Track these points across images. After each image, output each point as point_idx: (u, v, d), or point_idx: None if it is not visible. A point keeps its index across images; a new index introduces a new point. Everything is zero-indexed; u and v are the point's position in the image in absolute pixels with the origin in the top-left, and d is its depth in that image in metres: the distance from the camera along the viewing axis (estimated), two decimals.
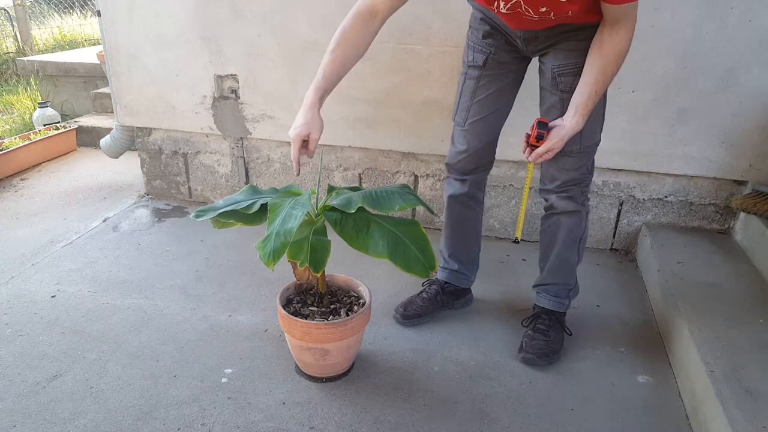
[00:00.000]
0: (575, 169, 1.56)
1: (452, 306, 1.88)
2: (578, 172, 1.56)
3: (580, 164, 1.56)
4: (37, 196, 2.80)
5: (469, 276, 1.87)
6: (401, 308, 1.82)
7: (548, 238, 1.70)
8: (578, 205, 1.62)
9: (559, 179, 1.58)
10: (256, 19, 2.28)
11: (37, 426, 1.39)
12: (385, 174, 2.47)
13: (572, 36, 1.41)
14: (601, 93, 1.41)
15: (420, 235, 1.36)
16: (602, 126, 1.55)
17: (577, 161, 1.54)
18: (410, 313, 1.81)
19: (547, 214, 1.68)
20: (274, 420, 1.42)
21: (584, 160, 1.55)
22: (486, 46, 1.56)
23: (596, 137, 1.55)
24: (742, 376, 1.37)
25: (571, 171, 1.56)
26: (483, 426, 1.42)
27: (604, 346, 1.73)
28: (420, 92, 2.23)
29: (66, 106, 4.29)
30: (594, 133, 1.53)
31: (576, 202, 1.61)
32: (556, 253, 1.68)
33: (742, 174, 2.06)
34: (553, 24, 1.40)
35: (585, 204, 1.64)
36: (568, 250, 1.67)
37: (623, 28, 1.33)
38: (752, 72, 1.91)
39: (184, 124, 2.58)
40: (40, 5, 7.73)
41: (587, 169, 1.59)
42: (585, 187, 1.62)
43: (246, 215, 1.39)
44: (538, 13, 1.34)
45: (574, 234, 1.65)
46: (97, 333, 1.74)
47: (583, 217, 1.65)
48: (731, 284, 1.81)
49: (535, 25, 1.43)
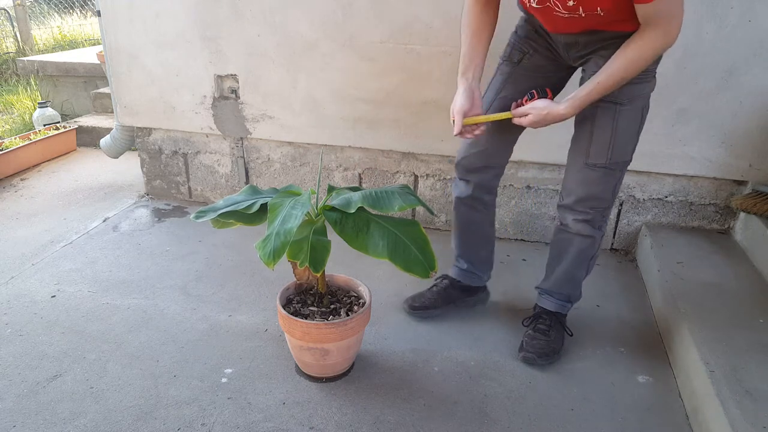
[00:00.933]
0: (597, 185, 1.46)
1: (465, 302, 1.86)
2: (600, 190, 1.47)
3: (605, 183, 1.46)
4: (37, 196, 2.80)
5: (480, 275, 1.85)
6: (410, 299, 1.84)
7: (557, 251, 1.66)
8: (595, 230, 1.55)
9: (575, 194, 1.49)
10: (256, 18, 2.28)
11: (37, 426, 1.39)
12: (385, 174, 2.47)
13: (614, 44, 1.33)
14: (607, 90, 1.34)
15: (420, 235, 1.36)
16: (635, 146, 1.47)
17: (602, 178, 1.45)
18: (418, 304, 1.82)
19: (560, 227, 1.63)
20: (274, 420, 1.42)
21: (610, 179, 1.46)
22: (524, 45, 1.53)
23: (627, 155, 1.45)
24: (742, 376, 1.37)
25: (593, 187, 1.47)
26: (483, 426, 1.42)
27: (604, 346, 1.73)
28: (420, 92, 2.23)
29: (66, 106, 4.29)
30: (625, 149, 1.44)
31: (593, 227, 1.54)
32: (564, 269, 1.65)
33: (742, 174, 2.06)
34: (587, 26, 1.35)
35: (602, 228, 1.57)
36: (577, 267, 1.64)
37: (654, 31, 1.25)
38: (752, 72, 1.91)
39: (184, 124, 2.58)
40: (40, 5, 7.73)
41: (611, 191, 1.48)
42: (606, 211, 1.52)
43: (246, 215, 1.39)
44: (566, 8, 1.30)
45: (586, 254, 1.61)
46: (97, 333, 1.74)
47: (598, 240, 1.59)
48: (731, 284, 1.81)
49: (570, 27, 1.38)
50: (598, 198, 1.49)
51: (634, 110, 1.43)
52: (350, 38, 2.21)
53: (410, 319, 1.84)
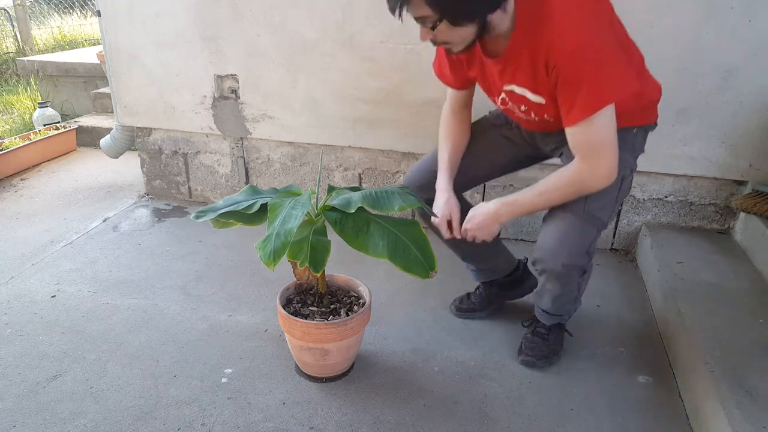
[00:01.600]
0: (573, 234, 1.37)
1: (513, 295, 1.85)
2: (577, 239, 1.37)
3: (582, 233, 1.37)
4: (37, 196, 2.80)
5: (496, 267, 1.79)
6: (456, 301, 1.87)
7: (541, 285, 1.55)
8: (577, 276, 1.46)
9: (548, 247, 1.40)
10: (256, 19, 2.28)
11: (37, 426, 1.39)
12: (385, 174, 2.47)
13: None
14: (538, 208, 1.39)
15: (420, 235, 1.36)
16: (612, 212, 1.43)
17: (578, 227, 1.37)
18: (465, 306, 1.84)
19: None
20: (274, 420, 1.42)
21: (586, 230, 1.38)
22: (507, 119, 1.59)
23: (604, 215, 1.39)
24: (742, 376, 1.37)
25: (569, 236, 1.37)
26: (483, 426, 1.42)
27: (604, 346, 1.73)
28: (420, 92, 2.23)
29: (66, 106, 4.29)
30: (602, 206, 1.37)
31: (571, 282, 1.47)
32: (554, 295, 1.54)
33: (742, 174, 2.06)
34: (548, 127, 1.41)
35: (585, 272, 1.48)
36: (569, 291, 1.54)
37: (580, 164, 1.29)
38: (752, 72, 1.91)
39: (184, 124, 2.58)
40: (40, 5, 7.73)
41: (585, 248, 1.39)
42: (584, 268, 1.44)
43: (246, 215, 1.39)
44: (521, 111, 1.39)
45: (576, 283, 1.51)
46: (97, 333, 1.74)
47: (588, 271, 1.50)
48: (731, 284, 1.81)
49: (535, 127, 1.45)
50: (574, 246, 1.38)
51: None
52: (350, 38, 2.21)
53: (410, 319, 1.84)
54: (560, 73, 1.20)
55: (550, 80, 1.24)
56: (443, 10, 1.15)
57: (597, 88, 1.19)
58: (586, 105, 1.21)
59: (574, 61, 1.18)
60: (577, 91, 1.20)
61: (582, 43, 1.17)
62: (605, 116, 1.23)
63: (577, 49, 1.17)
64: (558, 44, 1.18)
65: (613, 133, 1.26)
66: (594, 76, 1.19)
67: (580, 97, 1.20)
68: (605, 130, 1.24)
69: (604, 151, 1.26)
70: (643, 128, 1.48)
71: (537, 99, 1.32)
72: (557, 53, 1.19)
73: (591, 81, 1.19)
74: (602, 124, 1.23)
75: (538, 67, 1.24)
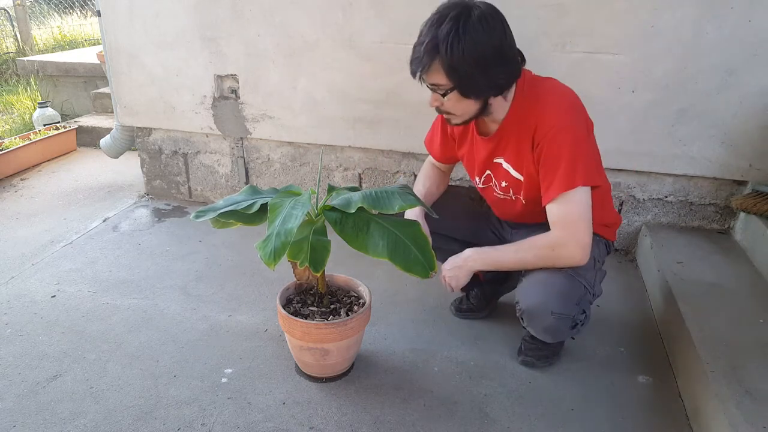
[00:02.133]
0: (560, 285, 1.38)
1: (501, 292, 1.88)
2: (558, 288, 1.38)
3: (570, 290, 1.39)
4: (37, 196, 2.80)
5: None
6: (456, 302, 1.89)
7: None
8: (564, 334, 1.47)
9: (533, 294, 1.41)
10: (256, 18, 2.28)
11: (37, 426, 1.39)
12: (385, 174, 2.47)
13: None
14: (510, 264, 1.44)
15: (420, 235, 1.36)
16: (596, 280, 1.47)
17: (566, 282, 1.39)
18: (465, 307, 1.86)
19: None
20: (274, 420, 1.42)
21: (575, 286, 1.40)
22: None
23: (587, 273, 1.42)
24: (742, 376, 1.37)
25: (556, 286, 1.38)
26: (483, 426, 1.42)
27: (604, 346, 1.73)
28: (420, 92, 2.20)
29: (66, 106, 4.29)
30: (591, 263, 1.40)
31: (560, 335, 1.48)
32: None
33: (742, 174, 2.06)
34: (522, 215, 1.52)
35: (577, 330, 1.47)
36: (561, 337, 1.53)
37: (559, 230, 1.35)
38: (752, 72, 1.91)
39: (184, 124, 2.58)
40: (40, 5, 7.73)
41: (575, 299, 1.40)
42: (575, 320, 1.43)
43: (246, 215, 1.39)
44: (501, 188, 1.52)
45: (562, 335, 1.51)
46: (97, 333, 1.74)
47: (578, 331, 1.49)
48: (731, 284, 1.81)
49: (510, 213, 1.55)
50: (561, 296, 1.39)
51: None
52: (350, 38, 2.21)
53: (410, 319, 1.85)
54: (542, 150, 1.34)
55: (534, 156, 1.38)
56: (457, 81, 1.29)
57: (573, 168, 1.31)
58: (564, 180, 1.32)
59: (556, 139, 1.32)
60: (556, 167, 1.32)
61: (564, 126, 1.32)
62: (582, 194, 1.33)
63: (560, 130, 1.32)
64: (545, 123, 1.33)
65: (588, 212, 1.34)
66: (571, 157, 1.31)
67: (559, 174, 1.32)
68: (582, 206, 1.33)
69: (581, 225, 1.34)
70: (604, 241, 1.57)
71: (517, 176, 1.46)
72: (542, 130, 1.33)
73: (569, 160, 1.31)
74: (579, 200, 1.33)
75: (525, 143, 1.39)
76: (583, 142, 1.35)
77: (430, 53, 1.27)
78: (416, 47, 1.32)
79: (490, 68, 1.28)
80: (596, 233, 1.49)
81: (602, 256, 1.55)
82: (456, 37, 1.23)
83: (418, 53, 1.31)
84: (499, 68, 1.29)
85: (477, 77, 1.28)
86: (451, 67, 1.26)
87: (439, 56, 1.26)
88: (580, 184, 1.32)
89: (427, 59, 1.28)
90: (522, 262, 1.43)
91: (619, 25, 1.95)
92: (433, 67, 1.29)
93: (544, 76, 1.43)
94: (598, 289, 1.49)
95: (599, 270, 1.51)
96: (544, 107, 1.35)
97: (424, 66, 1.30)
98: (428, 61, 1.28)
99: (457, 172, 2.37)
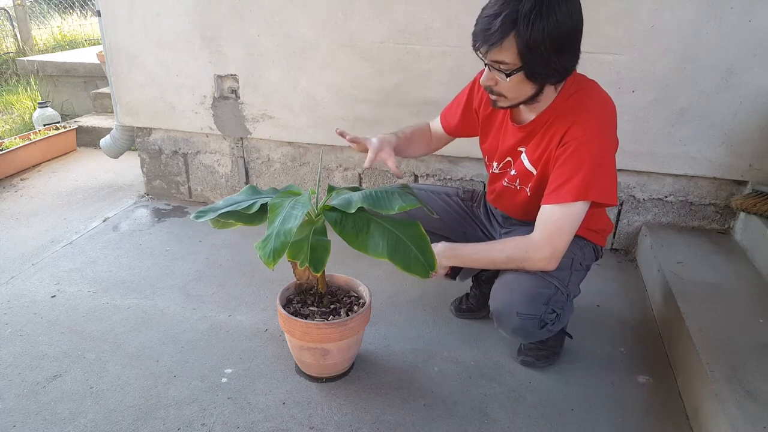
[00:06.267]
0: (523, 282, 1.36)
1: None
2: (525, 287, 1.36)
3: (538, 290, 1.36)
4: (37, 196, 2.80)
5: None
6: (456, 302, 1.88)
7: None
8: (533, 334, 1.43)
9: (500, 295, 1.39)
10: (256, 19, 2.28)
11: (37, 426, 1.39)
12: (385, 174, 2.47)
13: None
14: (480, 261, 1.42)
15: (420, 235, 1.35)
16: (580, 279, 1.48)
17: (534, 284, 1.36)
18: (465, 307, 1.86)
19: None
20: (274, 420, 1.42)
21: (543, 286, 1.37)
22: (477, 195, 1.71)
23: (566, 272, 1.41)
24: (742, 376, 1.37)
25: (517, 282, 1.37)
26: (483, 426, 1.42)
27: (604, 346, 1.73)
28: (420, 92, 2.23)
29: (66, 106, 4.29)
30: (566, 262, 1.40)
31: (530, 336, 1.44)
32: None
33: (742, 174, 2.06)
34: (521, 208, 1.50)
35: (546, 329, 1.43)
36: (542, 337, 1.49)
37: (540, 233, 1.33)
38: (752, 72, 1.91)
39: (184, 124, 2.58)
40: (40, 5, 7.73)
41: (543, 299, 1.37)
42: (544, 320, 1.39)
43: (246, 215, 1.39)
44: (509, 177, 1.48)
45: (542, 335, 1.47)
46: (97, 333, 1.74)
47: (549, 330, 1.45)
48: (731, 284, 1.81)
49: (510, 204, 1.53)
50: (528, 295, 1.36)
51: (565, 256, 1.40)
52: (350, 38, 2.21)
53: (410, 319, 1.85)
54: (566, 151, 1.29)
55: (555, 154, 1.32)
56: (529, 62, 1.18)
57: (591, 180, 1.27)
58: (578, 189, 1.27)
59: (584, 146, 1.27)
60: (575, 174, 1.27)
61: (597, 137, 1.27)
62: (581, 208, 1.30)
63: (592, 139, 1.27)
64: (580, 126, 1.27)
65: (576, 226, 1.32)
66: (593, 169, 1.27)
67: (575, 181, 1.27)
68: (574, 220, 1.31)
69: (564, 237, 1.32)
70: (591, 245, 1.55)
71: (531, 168, 1.41)
72: (575, 133, 1.28)
73: (589, 171, 1.27)
74: (575, 213, 1.30)
75: (554, 139, 1.32)
76: (609, 158, 1.31)
77: (504, 28, 1.14)
78: (486, 18, 1.17)
79: (565, 52, 1.18)
80: (583, 237, 1.50)
81: (587, 259, 1.52)
82: (539, 14, 1.11)
83: (488, 25, 1.16)
84: (571, 53, 1.20)
85: (549, 61, 1.17)
86: (528, 47, 1.14)
87: (515, 32, 1.13)
88: (593, 198, 1.28)
89: (500, 35, 1.14)
90: (493, 262, 1.41)
91: (619, 25, 1.95)
92: (506, 44, 1.15)
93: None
94: (573, 289, 1.46)
95: (576, 270, 1.47)
96: (586, 111, 1.29)
97: (494, 41, 1.15)
98: (501, 36, 1.14)
99: (457, 172, 2.37)
